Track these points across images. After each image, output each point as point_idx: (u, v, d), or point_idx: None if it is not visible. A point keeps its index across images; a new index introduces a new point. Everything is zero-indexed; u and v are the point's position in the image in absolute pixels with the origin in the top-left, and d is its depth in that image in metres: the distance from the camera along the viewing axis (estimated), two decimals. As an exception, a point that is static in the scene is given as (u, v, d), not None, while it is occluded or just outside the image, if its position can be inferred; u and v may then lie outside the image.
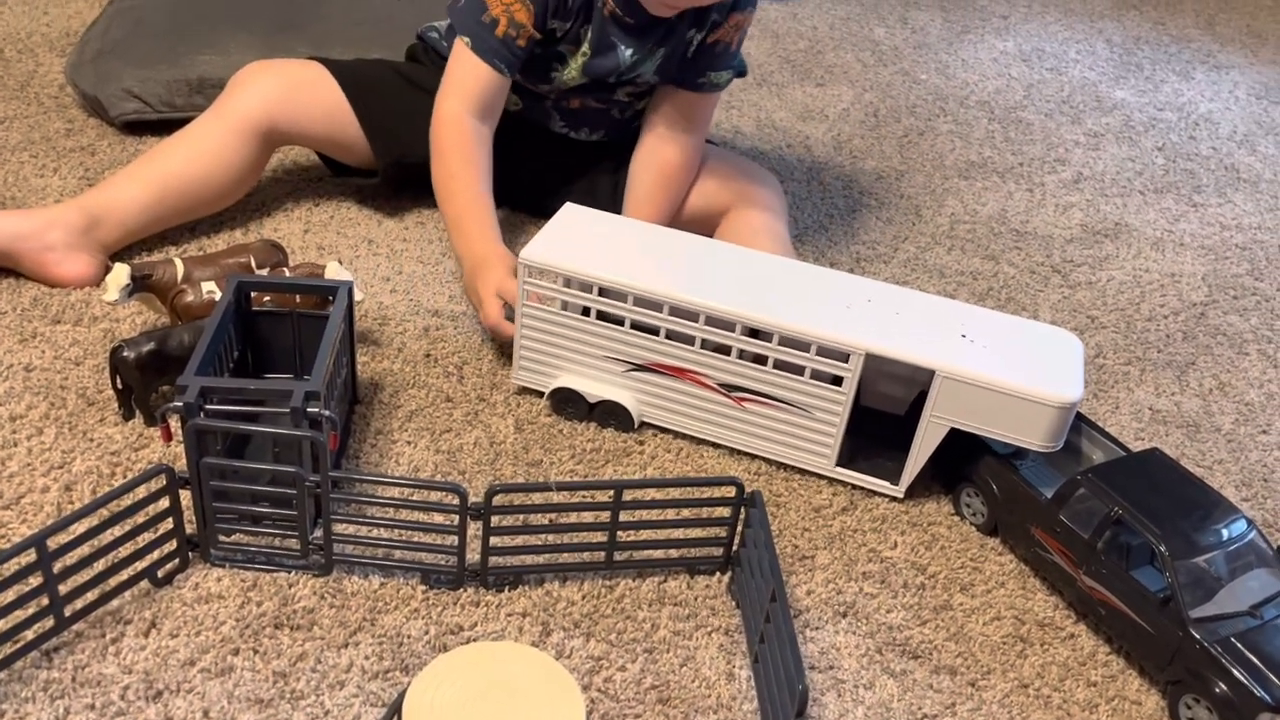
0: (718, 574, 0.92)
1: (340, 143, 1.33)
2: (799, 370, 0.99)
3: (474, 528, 0.87)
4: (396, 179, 1.34)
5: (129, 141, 1.46)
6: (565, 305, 1.04)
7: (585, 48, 1.22)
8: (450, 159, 1.19)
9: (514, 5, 1.15)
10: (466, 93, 1.19)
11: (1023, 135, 1.87)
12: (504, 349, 1.14)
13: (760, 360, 1.00)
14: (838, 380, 0.99)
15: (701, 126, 1.32)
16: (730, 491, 0.88)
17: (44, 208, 1.18)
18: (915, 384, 1.04)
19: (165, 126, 1.40)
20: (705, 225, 1.32)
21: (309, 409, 0.82)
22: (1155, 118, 2.00)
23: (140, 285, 1.06)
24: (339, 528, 0.89)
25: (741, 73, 1.35)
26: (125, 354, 0.95)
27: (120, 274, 1.04)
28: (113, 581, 0.82)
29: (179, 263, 1.08)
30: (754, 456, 1.06)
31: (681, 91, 1.29)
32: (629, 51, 1.23)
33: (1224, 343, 1.36)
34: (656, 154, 1.30)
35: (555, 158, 1.36)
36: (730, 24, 1.25)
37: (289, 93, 1.28)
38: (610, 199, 1.34)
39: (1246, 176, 1.82)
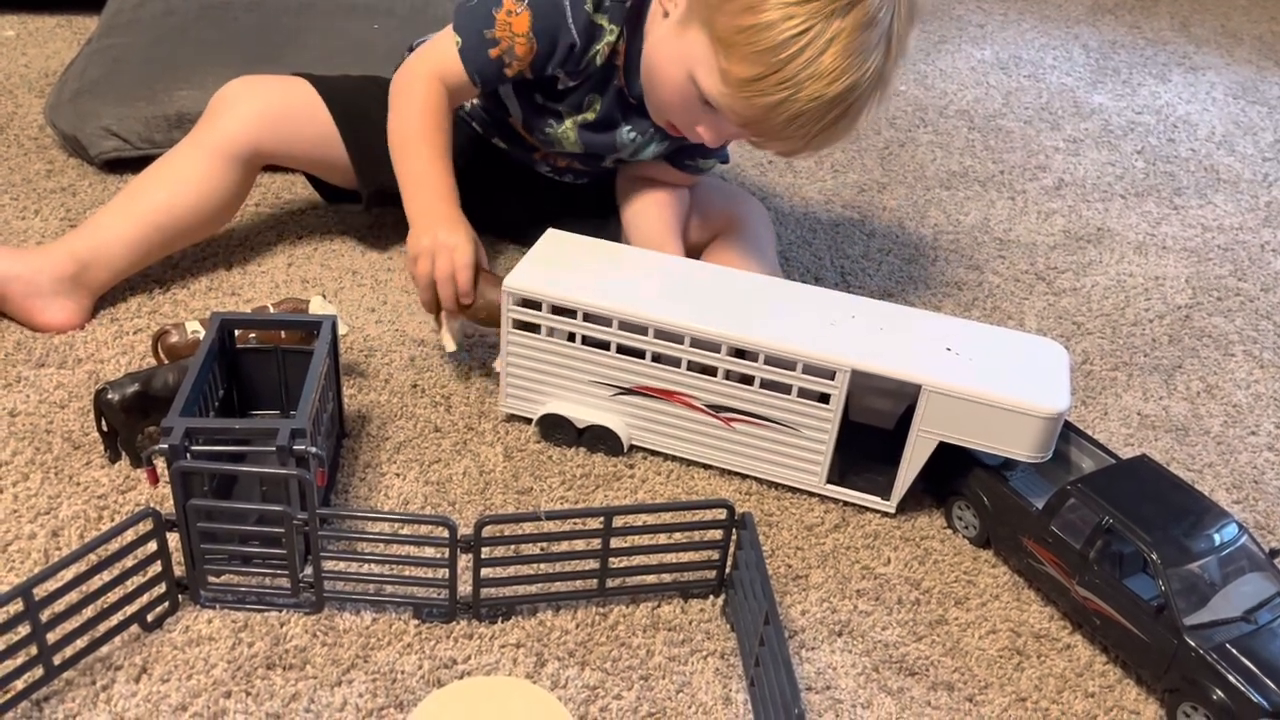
0: (712, 597, 0.91)
1: (328, 164, 1.31)
2: (786, 389, 0.99)
3: (465, 560, 0.87)
4: (379, 205, 1.32)
5: (110, 180, 1.45)
6: (551, 331, 1.04)
7: (589, 115, 1.21)
8: (420, 116, 1.13)
9: (519, 38, 1.12)
10: (444, 71, 1.15)
11: (1003, 143, 1.88)
12: (467, 374, 1.14)
13: (747, 380, 1.00)
14: (825, 398, 0.99)
15: (682, 189, 1.34)
16: (721, 514, 0.88)
17: (34, 250, 1.17)
18: (903, 397, 1.04)
19: (145, 163, 1.38)
20: (691, 255, 1.32)
21: (295, 446, 0.82)
22: (1134, 121, 2.02)
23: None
24: (329, 564, 0.89)
25: (725, 160, 1.38)
26: (110, 396, 0.95)
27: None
28: (102, 627, 0.81)
29: None
30: (745, 476, 1.05)
31: (665, 165, 1.30)
32: (629, 131, 1.22)
33: (1210, 345, 1.36)
34: (649, 209, 1.30)
35: (540, 194, 1.37)
36: None
37: (275, 116, 1.25)
38: (596, 231, 1.34)
39: (1226, 177, 1.83)
